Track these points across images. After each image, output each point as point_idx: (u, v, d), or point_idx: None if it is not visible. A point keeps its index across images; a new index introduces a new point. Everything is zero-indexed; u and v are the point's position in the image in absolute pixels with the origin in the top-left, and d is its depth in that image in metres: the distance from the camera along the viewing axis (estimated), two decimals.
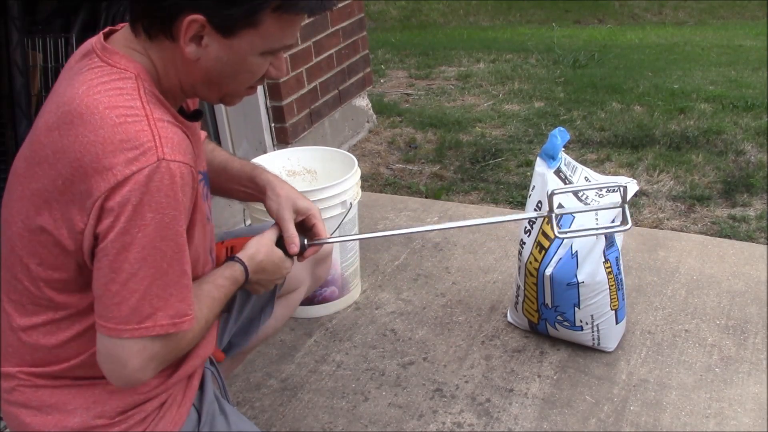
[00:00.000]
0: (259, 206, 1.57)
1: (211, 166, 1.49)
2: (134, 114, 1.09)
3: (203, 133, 1.51)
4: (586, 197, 1.96)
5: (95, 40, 1.20)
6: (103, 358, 1.13)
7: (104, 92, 1.11)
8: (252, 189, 1.53)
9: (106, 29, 1.23)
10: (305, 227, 1.50)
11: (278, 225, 1.45)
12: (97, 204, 1.07)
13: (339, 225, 2.15)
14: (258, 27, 1.13)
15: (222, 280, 1.29)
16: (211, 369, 1.42)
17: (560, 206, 1.67)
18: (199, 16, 1.10)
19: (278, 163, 2.37)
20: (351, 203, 2.16)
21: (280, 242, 1.42)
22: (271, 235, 1.42)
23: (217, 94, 1.23)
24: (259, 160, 2.35)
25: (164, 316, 1.11)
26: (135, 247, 1.07)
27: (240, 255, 1.35)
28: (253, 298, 1.60)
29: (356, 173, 2.19)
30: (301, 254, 1.45)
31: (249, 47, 1.15)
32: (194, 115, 1.29)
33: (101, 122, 1.08)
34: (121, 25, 1.23)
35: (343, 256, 2.24)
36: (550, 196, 1.51)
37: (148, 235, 1.07)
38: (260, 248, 1.38)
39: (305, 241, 1.46)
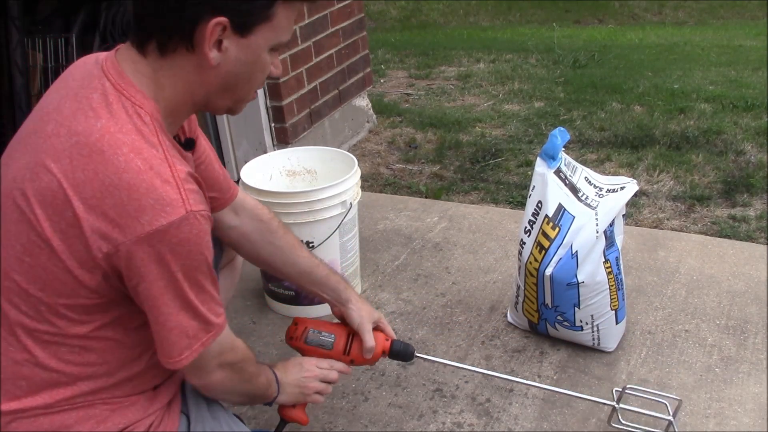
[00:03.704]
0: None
1: (294, 267, 1.64)
2: (158, 162, 1.09)
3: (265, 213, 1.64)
4: (586, 197, 1.96)
5: (107, 62, 1.17)
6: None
7: (126, 132, 1.10)
8: (333, 298, 1.67)
9: (117, 47, 1.21)
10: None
11: (359, 333, 1.64)
12: (122, 248, 1.08)
13: (339, 225, 2.15)
14: (272, 20, 1.15)
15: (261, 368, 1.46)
16: None
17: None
18: (222, 18, 1.10)
19: (278, 163, 2.37)
20: (351, 203, 2.16)
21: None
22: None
23: (228, 102, 1.23)
24: (260, 160, 2.35)
25: (203, 330, 1.20)
26: (168, 297, 1.13)
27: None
28: None
29: (356, 173, 2.19)
30: (409, 359, 1.69)
31: (264, 42, 1.17)
32: (187, 144, 1.29)
33: (126, 166, 1.07)
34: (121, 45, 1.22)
35: (343, 256, 2.24)
36: (620, 398, 1.73)
37: (177, 284, 1.12)
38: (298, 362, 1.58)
39: (415, 352, 1.69)
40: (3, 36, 2.91)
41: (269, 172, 2.34)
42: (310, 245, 2.14)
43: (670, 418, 1.71)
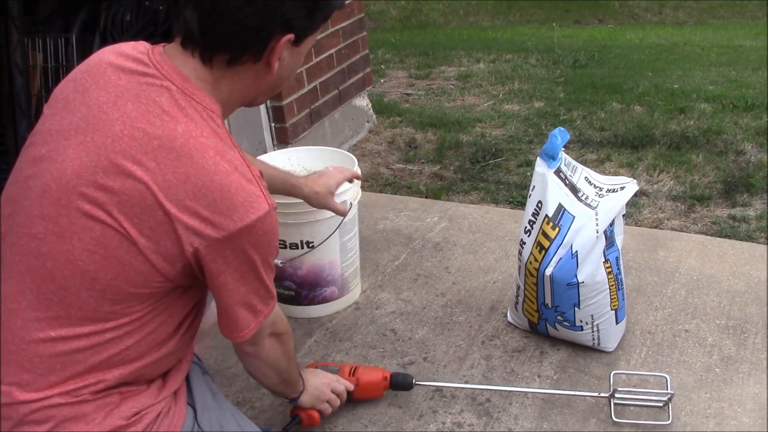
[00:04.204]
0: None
1: None
2: (239, 162, 1.19)
3: None
4: (586, 197, 1.96)
5: (163, 65, 1.20)
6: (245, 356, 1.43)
7: (207, 136, 1.17)
8: (288, 192, 1.91)
9: (161, 46, 1.25)
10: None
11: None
12: (213, 242, 1.17)
13: (339, 225, 2.15)
14: (318, 30, 1.27)
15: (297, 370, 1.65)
16: (198, 363, 1.50)
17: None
18: (291, 35, 1.20)
19: (278, 164, 2.36)
20: (351, 203, 2.16)
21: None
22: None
23: (266, 98, 1.35)
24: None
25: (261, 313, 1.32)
26: (247, 279, 1.23)
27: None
28: None
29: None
30: (409, 388, 1.90)
31: (306, 48, 1.28)
32: None
33: (215, 168, 1.15)
34: (162, 45, 1.26)
35: (343, 256, 2.24)
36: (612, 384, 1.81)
37: (256, 269, 1.24)
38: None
39: (414, 381, 1.88)
40: (3, 36, 2.91)
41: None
42: (310, 245, 2.14)
43: (667, 398, 1.79)
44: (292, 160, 2.38)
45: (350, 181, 2.05)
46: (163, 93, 1.17)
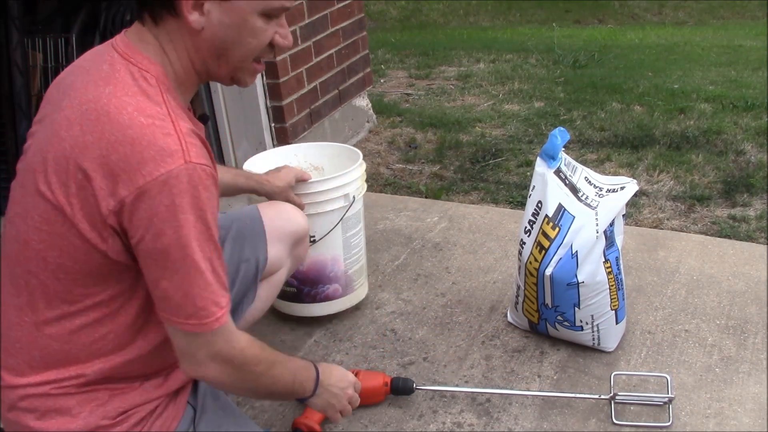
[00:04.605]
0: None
1: (220, 183, 1.68)
2: (161, 118, 1.12)
3: None
4: (586, 197, 1.96)
5: (116, 38, 1.24)
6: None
7: (131, 95, 1.14)
8: (262, 194, 1.92)
9: (123, 31, 1.27)
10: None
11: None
12: (126, 202, 1.10)
13: (341, 219, 2.14)
14: None
15: (297, 361, 1.51)
16: None
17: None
18: None
19: (284, 160, 2.35)
20: (354, 197, 2.14)
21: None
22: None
23: (227, 70, 1.25)
24: (266, 155, 2.33)
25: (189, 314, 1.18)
26: (174, 247, 1.12)
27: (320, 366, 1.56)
28: (237, 282, 1.64)
29: (360, 167, 2.17)
30: (409, 392, 1.89)
31: (248, 6, 1.18)
32: (200, 119, 1.33)
33: (129, 122, 1.11)
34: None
35: (347, 253, 2.22)
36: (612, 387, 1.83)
37: (184, 235, 1.11)
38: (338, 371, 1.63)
39: (414, 385, 1.88)
40: (3, 36, 2.90)
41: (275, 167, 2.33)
42: (312, 239, 2.12)
43: (667, 399, 1.82)
44: (299, 156, 2.37)
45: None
46: (105, 62, 1.20)
